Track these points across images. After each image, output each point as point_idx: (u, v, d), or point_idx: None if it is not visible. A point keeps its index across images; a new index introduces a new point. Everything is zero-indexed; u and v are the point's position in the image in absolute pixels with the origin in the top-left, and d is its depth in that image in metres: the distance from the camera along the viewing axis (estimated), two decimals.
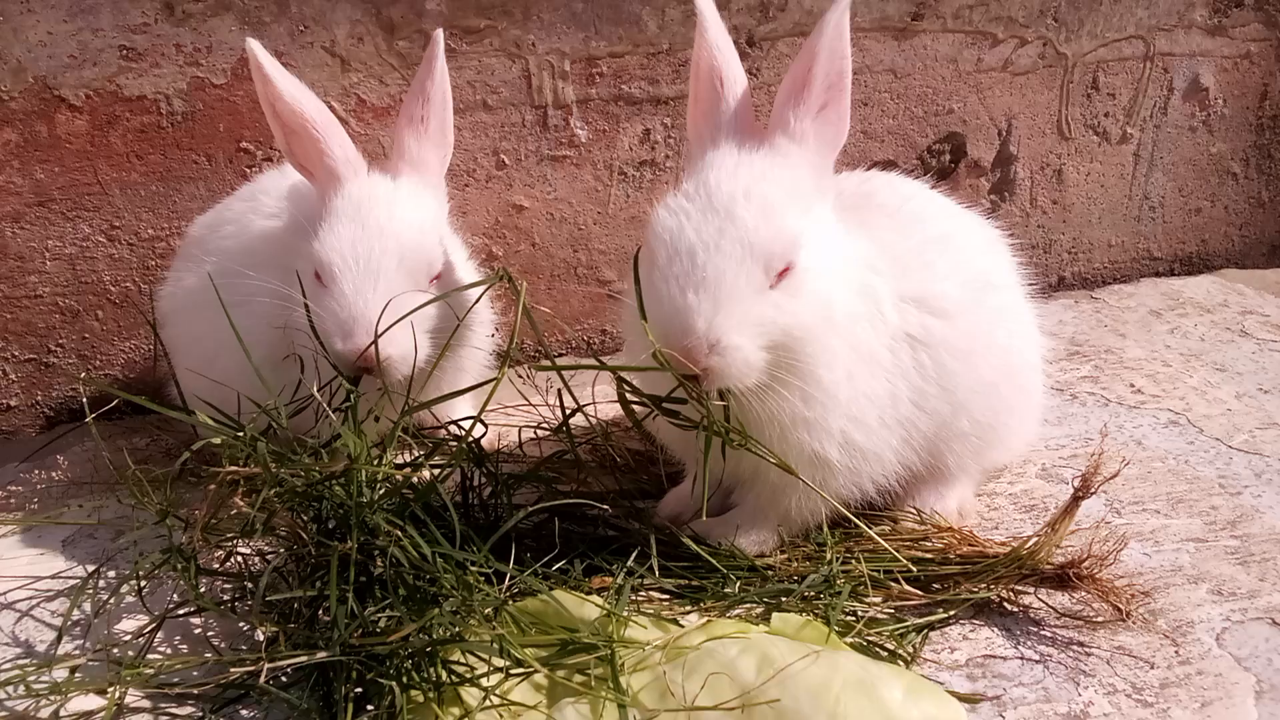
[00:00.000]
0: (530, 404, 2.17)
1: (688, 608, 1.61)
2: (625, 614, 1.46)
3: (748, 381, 1.47)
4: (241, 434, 1.55)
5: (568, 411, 1.77)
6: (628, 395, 1.57)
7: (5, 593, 1.75)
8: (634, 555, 1.65)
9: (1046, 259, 3.00)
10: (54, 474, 2.13)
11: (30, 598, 1.75)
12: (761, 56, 2.57)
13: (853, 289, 1.60)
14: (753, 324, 1.46)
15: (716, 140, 1.58)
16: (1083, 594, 1.62)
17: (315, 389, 1.65)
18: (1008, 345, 1.85)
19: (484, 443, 2.20)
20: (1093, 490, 1.59)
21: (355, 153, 1.86)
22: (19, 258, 2.32)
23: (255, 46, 1.79)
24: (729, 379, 1.46)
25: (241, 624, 1.60)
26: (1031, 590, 1.64)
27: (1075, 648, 1.56)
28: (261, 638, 1.49)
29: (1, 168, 2.25)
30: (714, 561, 1.66)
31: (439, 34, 1.87)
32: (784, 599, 1.59)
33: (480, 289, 1.77)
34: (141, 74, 2.26)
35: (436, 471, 1.60)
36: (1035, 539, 1.63)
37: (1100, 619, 1.61)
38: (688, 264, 1.45)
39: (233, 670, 1.36)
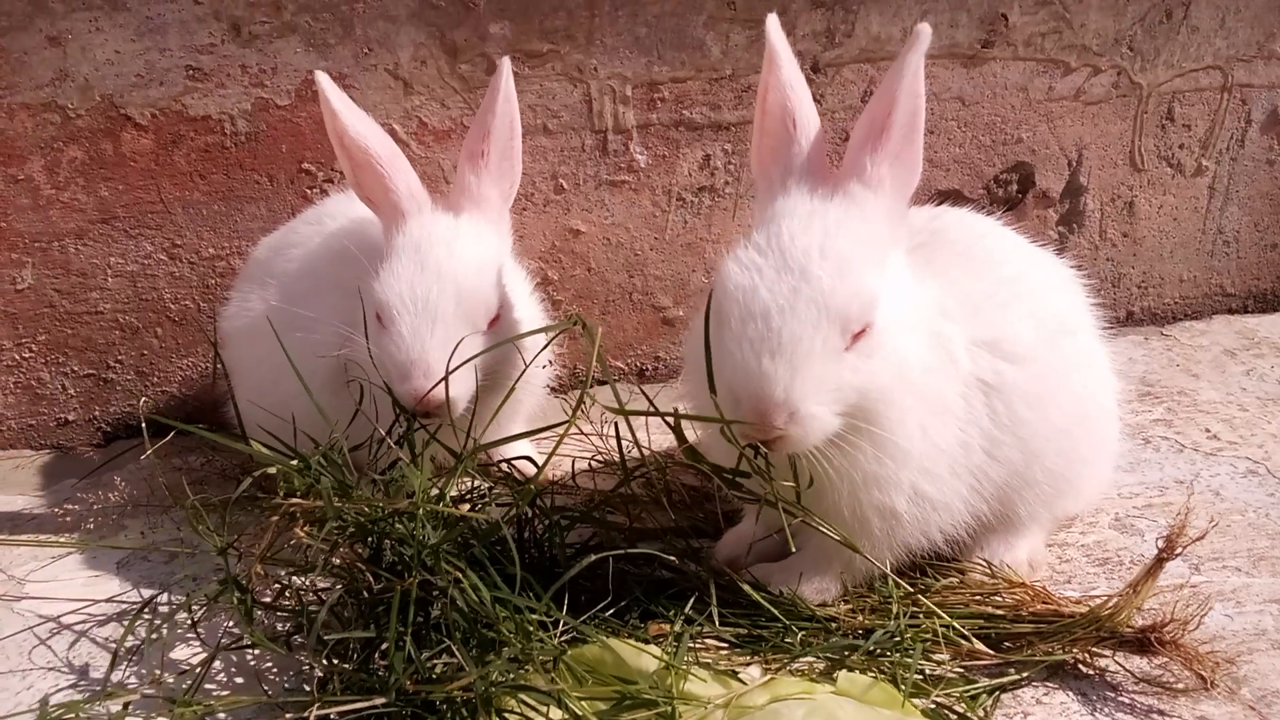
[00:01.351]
0: (584, 434, 2.13)
1: (747, 658, 1.56)
2: (684, 666, 1.41)
3: (819, 444, 1.43)
4: (304, 465, 1.54)
5: (625, 451, 1.73)
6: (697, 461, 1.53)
7: (60, 615, 1.75)
8: (691, 602, 1.60)
9: (1115, 293, 2.91)
10: (110, 494, 2.14)
11: (84, 621, 1.75)
12: (826, 83, 2.52)
13: (926, 339, 1.55)
14: (830, 389, 1.41)
15: (787, 184, 1.53)
16: (1162, 658, 1.55)
17: (379, 425, 1.64)
18: (1083, 391, 1.78)
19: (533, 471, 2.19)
20: (1177, 552, 1.52)
21: (419, 188, 1.84)
22: (81, 274, 2.34)
23: (323, 79, 1.79)
24: (803, 446, 1.42)
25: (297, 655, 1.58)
26: (1109, 653, 1.57)
27: (1156, 716, 1.49)
28: (318, 673, 1.47)
29: (67, 185, 2.27)
30: (774, 610, 1.61)
31: (504, 64, 1.84)
32: (848, 653, 1.54)
33: (548, 333, 1.74)
34: (207, 94, 2.27)
35: (499, 512, 1.57)
36: (1116, 599, 1.56)
37: (1181, 686, 1.54)
38: (762, 327, 1.39)
39: (286, 715, 1.34)
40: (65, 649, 1.67)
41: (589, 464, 2.07)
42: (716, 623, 1.57)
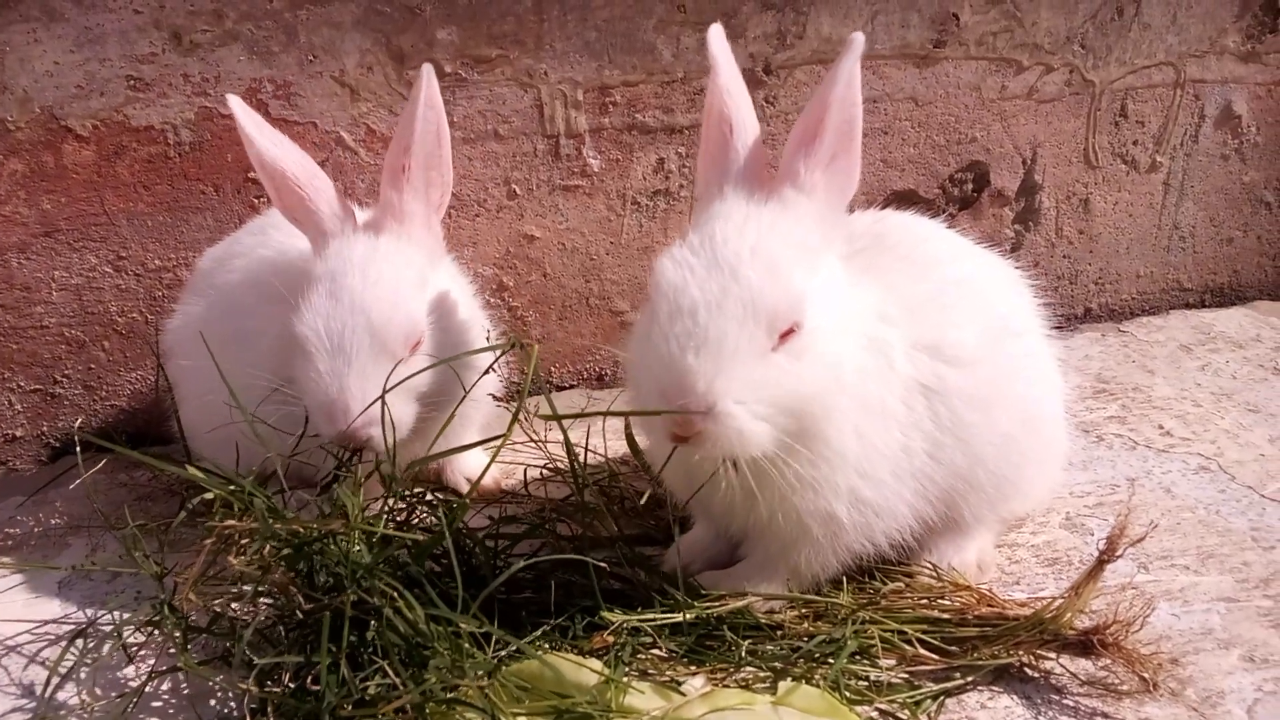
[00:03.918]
0: (536, 441, 2.12)
1: (693, 668, 1.55)
2: (625, 679, 1.40)
3: (747, 451, 1.42)
4: (238, 488, 1.52)
5: (574, 457, 1.72)
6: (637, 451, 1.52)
7: (9, 637, 1.73)
8: (637, 612, 1.59)
9: (1072, 290, 2.92)
10: (53, 520, 2.10)
11: (33, 642, 1.72)
12: (779, 84, 2.52)
13: (861, 343, 1.54)
14: (752, 388, 1.40)
15: (724, 189, 1.54)
16: (1106, 660, 1.55)
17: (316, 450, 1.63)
18: (1027, 395, 1.78)
19: (489, 482, 2.17)
20: (1118, 554, 1.52)
21: (342, 207, 1.82)
22: (25, 288, 2.30)
23: (235, 103, 1.78)
24: (723, 447, 1.41)
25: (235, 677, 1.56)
26: (1053, 655, 1.57)
27: (1099, 719, 1.49)
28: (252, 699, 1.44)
29: (8, 198, 2.24)
30: (719, 620, 1.60)
31: (424, 72, 1.79)
32: (791, 660, 1.53)
33: (488, 352, 1.72)
34: (149, 104, 2.24)
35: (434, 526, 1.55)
36: (1058, 602, 1.56)
37: (1125, 688, 1.54)
38: (690, 323, 1.40)
39: None
40: (20, 670, 1.64)
41: (540, 473, 2.06)
42: (660, 636, 1.56)
